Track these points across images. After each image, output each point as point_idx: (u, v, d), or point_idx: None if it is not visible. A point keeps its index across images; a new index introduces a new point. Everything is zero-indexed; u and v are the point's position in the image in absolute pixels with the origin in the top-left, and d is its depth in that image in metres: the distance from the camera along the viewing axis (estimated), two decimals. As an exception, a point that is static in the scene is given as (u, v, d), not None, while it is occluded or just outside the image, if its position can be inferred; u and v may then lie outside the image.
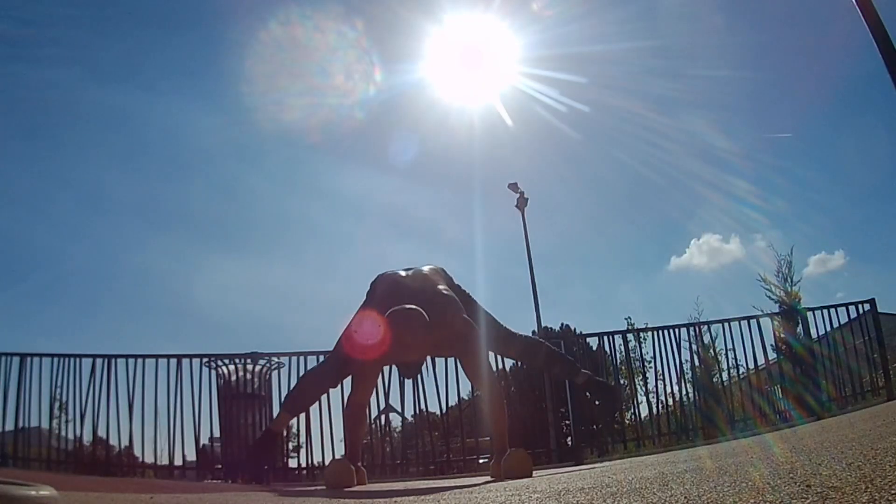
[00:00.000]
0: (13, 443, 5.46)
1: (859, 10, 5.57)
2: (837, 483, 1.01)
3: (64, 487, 1.74)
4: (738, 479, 1.23)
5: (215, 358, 6.48)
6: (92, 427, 5.45)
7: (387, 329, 2.82)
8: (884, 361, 6.37)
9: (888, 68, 5.40)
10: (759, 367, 6.45)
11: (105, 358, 5.58)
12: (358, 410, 3.11)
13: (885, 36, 5.45)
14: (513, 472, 2.67)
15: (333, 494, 2.49)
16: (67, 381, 5.48)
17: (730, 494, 1.06)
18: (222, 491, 4.06)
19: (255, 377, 6.90)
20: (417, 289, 3.03)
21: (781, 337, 6.69)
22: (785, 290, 7.67)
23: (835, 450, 1.51)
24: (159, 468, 5.58)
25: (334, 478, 2.77)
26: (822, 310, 6.52)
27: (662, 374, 6.47)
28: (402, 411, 5.93)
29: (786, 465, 1.36)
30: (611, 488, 1.39)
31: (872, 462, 1.17)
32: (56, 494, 1.35)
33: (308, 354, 5.73)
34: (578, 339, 8.70)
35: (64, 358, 5.55)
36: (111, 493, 2.52)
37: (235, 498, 2.35)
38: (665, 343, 6.36)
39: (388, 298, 2.98)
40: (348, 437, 3.06)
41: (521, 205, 13.41)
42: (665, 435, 6.37)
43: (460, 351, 3.12)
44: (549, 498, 1.35)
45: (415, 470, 5.93)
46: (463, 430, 6.44)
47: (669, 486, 1.27)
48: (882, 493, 0.90)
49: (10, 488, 1.24)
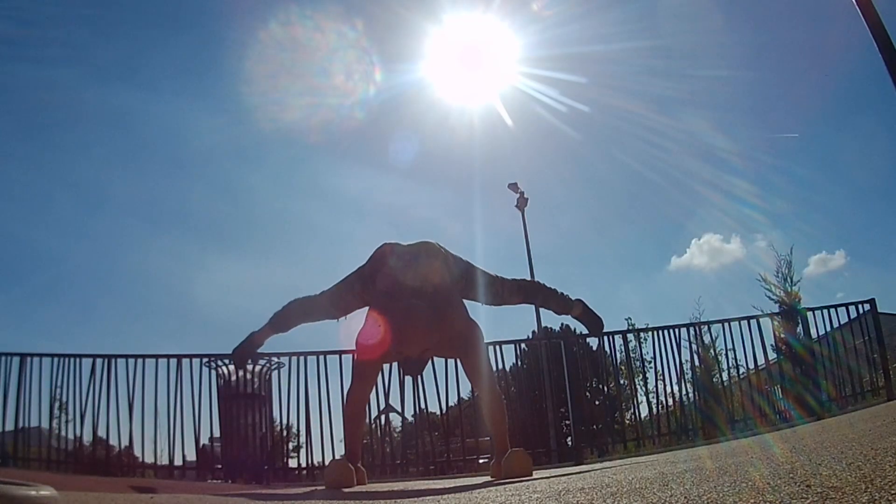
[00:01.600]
0: (13, 443, 5.45)
1: (859, 10, 5.57)
2: (837, 483, 1.01)
3: (64, 487, 1.74)
4: (738, 479, 1.22)
5: (215, 358, 6.47)
6: (92, 427, 5.44)
7: (387, 325, 2.89)
8: (884, 361, 6.36)
9: (888, 68, 5.40)
10: (759, 367, 6.45)
11: (105, 358, 5.58)
12: (359, 409, 3.11)
13: (885, 36, 5.45)
14: (513, 472, 2.67)
15: (333, 495, 2.49)
16: (67, 381, 5.48)
17: (730, 494, 1.06)
18: (222, 491, 4.06)
19: (255, 377, 6.90)
20: (418, 288, 3.03)
21: (781, 337, 6.70)
22: (785, 290, 7.69)
23: (835, 450, 1.50)
24: (159, 468, 5.58)
25: (334, 478, 2.77)
26: (822, 310, 6.51)
27: (662, 374, 6.48)
28: (402, 411, 5.93)
29: (786, 465, 1.36)
30: (611, 488, 1.39)
31: (872, 462, 1.17)
32: (56, 494, 1.35)
33: (308, 354, 5.73)
34: (578, 339, 8.71)
35: (64, 358, 5.54)
36: (111, 493, 2.52)
37: (235, 498, 2.35)
38: (665, 343, 6.36)
39: (390, 303, 2.99)
40: (348, 437, 3.06)
41: (521, 205, 13.41)
42: (665, 435, 6.37)
43: (461, 351, 3.12)
44: (549, 498, 1.35)
45: (415, 470, 5.93)
46: (463, 430, 6.44)
47: (669, 486, 1.27)
48: (882, 493, 0.90)
49: (10, 488, 1.24)
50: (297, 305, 3.40)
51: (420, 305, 2.89)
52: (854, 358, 6.40)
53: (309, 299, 3.38)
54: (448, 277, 3.18)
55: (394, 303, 2.94)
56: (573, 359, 6.65)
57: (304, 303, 3.39)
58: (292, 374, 5.74)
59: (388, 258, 3.20)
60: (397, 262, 3.16)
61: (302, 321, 3.44)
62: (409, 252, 3.22)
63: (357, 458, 3.02)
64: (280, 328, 3.45)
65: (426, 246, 3.24)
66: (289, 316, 3.42)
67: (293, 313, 3.41)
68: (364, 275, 3.25)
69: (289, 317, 3.42)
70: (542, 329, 13.01)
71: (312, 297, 3.37)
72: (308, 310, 3.40)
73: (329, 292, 3.34)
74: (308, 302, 3.39)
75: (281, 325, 3.44)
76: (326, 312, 3.38)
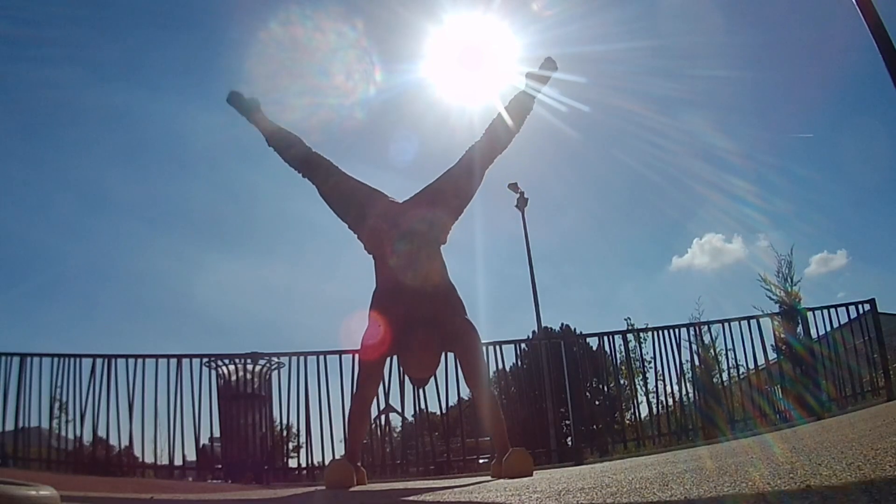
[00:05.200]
0: (13, 443, 5.46)
1: (859, 10, 5.56)
2: (837, 483, 1.01)
3: (64, 487, 1.74)
4: (738, 479, 1.22)
5: (215, 358, 6.48)
6: (92, 427, 5.45)
7: (404, 355, 3.09)
8: (884, 361, 6.36)
9: (888, 68, 5.39)
10: (760, 367, 6.45)
11: (105, 358, 5.58)
12: (365, 409, 3.11)
13: (885, 36, 5.44)
14: (513, 471, 2.67)
15: (333, 495, 2.49)
16: (67, 381, 5.48)
17: (730, 494, 1.06)
18: (222, 491, 4.06)
19: (255, 377, 6.90)
20: (418, 288, 3.03)
21: (781, 337, 6.70)
22: (785, 290, 7.68)
23: (835, 450, 1.50)
24: (159, 468, 5.58)
25: (334, 478, 2.77)
26: (823, 310, 6.52)
27: (662, 374, 6.48)
28: (402, 411, 5.94)
29: (786, 465, 1.36)
30: (611, 488, 1.39)
31: (872, 462, 1.17)
32: (56, 494, 1.35)
33: (308, 354, 5.73)
34: (578, 339, 8.71)
35: (64, 358, 5.54)
36: (112, 493, 2.52)
37: (235, 498, 2.35)
38: (665, 343, 6.37)
39: (391, 306, 3.02)
40: (350, 437, 3.05)
41: (521, 205, 13.40)
42: (665, 435, 6.37)
43: (458, 350, 3.12)
44: (549, 498, 1.35)
45: (415, 470, 5.93)
46: (463, 430, 6.44)
47: (669, 486, 1.27)
48: (882, 493, 0.90)
49: (10, 488, 1.24)
50: (298, 141, 3.37)
51: (434, 335, 3.00)
52: (854, 358, 6.40)
53: (306, 148, 3.35)
54: (447, 276, 3.18)
55: (410, 331, 2.97)
56: (573, 359, 6.65)
57: (302, 147, 3.36)
58: (292, 374, 5.76)
59: (377, 211, 3.19)
60: (382, 223, 3.13)
61: (284, 148, 3.37)
62: (399, 210, 3.20)
63: (357, 458, 3.01)
64: (272, 130, 3.39)
65: (420, 221, 3.18)
66: (289, 138, 3.37)
67: (289, 137, 3.37)
68: (358, 215, 3.25)
69: (288, 137, 3.37)
70: (542, 329, 13.02)
71: (313, 153, 3.33)
72: (301, 154, 3.34)
73: (333, 168, 3.31)
74: (304, 150, 3.35)
75: (275, 130, 3.39)
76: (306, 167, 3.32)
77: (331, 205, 3.33)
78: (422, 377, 3.29)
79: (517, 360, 6.97)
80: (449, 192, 3.26)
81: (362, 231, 3.24)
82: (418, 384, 4.02)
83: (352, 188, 3.32)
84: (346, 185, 3.32)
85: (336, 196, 3.32)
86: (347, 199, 3.30)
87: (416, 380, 3.43)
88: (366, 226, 3.21)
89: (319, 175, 3.33)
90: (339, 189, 3.31)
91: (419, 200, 3.25)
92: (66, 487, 1.98)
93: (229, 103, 3.46)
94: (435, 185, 3.30)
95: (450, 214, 3.26)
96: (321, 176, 3.33)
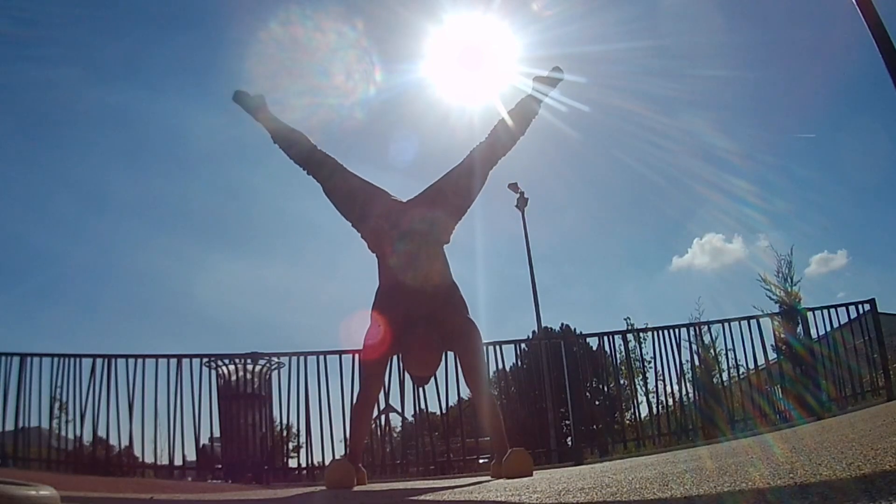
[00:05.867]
0: (13, 443, 5.46)
1: (859, 10, 5.56)
2: (837, 483, 1.01)
3: (64, 487, 1.74)
4: (738, 479, 1.22)
5: (215, 358, 6.49)
6: (92, 427, 5.45)
7: (406, 353, 3.07)
8: (884, 361, 6.36)
9: (888, 68, 5.39)
10: (760, 367, 6.45)
11: (105, 358, 5.58)
12: (368, 409, 3.11)
13: (885, 36, 5.43)
14: (513, 471, 2.67)
15: (334, 495, 2.49)
16: (67, 381, 5.49)
17: (730, 494, 1.06)
18: (222, 491, 4.06)
19: (255, 377, 6.90)
20: (419, 287, 3.03)
21: (781, 337, 6.69)
22: (785, 290, 7.68)
23: (835, 450, 1.50)
24: (159, 468, 5.58)
25: (335, 478, 2.77)
26: (823, 310, 6.52)
27: (662, 374, 6.48)
28: (402, 411, 5.94)
29: (786, 465, 1.36)
30: (611, 488, 1.39)
31: (872, 462, 1.17)
32: (56, 494, 1.35)
33: (308, 354, 5.73)
34: (578, 339, 8.72)
35: (64, 358, 5.54)
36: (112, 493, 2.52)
37: (235, 498, 2.35)
38: (665, 343, 6.37)
39: (392, 306, 3.02)
40: (353, 437, 3.05)
41: (521, 205, 13.39)
42: (665, 435, 6.37)
43: (459, 350, 3.12)
44: (548, 498, 1.35)
45: (415, 470, 5.93)
46: (463, 430, 6.43)
47: (669, 486, 1.27)
48: (882, 492, 0.90)
49: (10, 488, 1.24)
50: (302, 139, 3.37)
51: (434, 333, 2.99)
52: (854, 358, 6.40)
53: (310, 145, 3.35)
54: (450, 276, 3.18)
55: (411, 330, 2.97)
56: (573, 359, 6.65)
57: (306, 144, 3.36)
58: (292, 374, 5.76)
59: (379, 211, 3.19)
60: (383, 223, 3.14)
61: (289, 145, 3.38)
62: (401, 210, 3.20)
63: (359, 458, 3.01)
64: (277, 127, 3.40)
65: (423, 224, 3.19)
66: (293, 135, 3.38)
67: (294, 135, 3.38)
68: (360, 214, 3.26)
69: (293, 135, 3.38)
70: (542, 329, 13.02)
71: (317, 150, 3.34)
72: (305, 152, 3.35)
73: (337, 165, 3.31)
74: (309, 147, 3.35)
75: (280, 128, 3.40)
76: (311, 163, 3.32)
77: (334, 203, 3.34)
78: (423, 376, 3.28)
79: (517, 360, 6.98)
80: (450, 192, 3.27)
81: (364, 230, 3.25)
82: (419, 383, 4.02)
83: (355, 187, 3.32)
84: (349, 183, 3.32)
85: (339, 194, 3.32)
86: (350, 198, 3.30)
87: (418, 378, 3.42)
88: (367, 226, 3.22)
89: (323, 173, 3.33)
90: (342, 187, 3.32)
91: (421, 200, 3.26)
92: (66, 487, 1.98)
93: (235, 101, 3.47)
94: (437, 185, 3.31)
95: (451, 214, 3.27)
96: (325, 173, 3.33)
